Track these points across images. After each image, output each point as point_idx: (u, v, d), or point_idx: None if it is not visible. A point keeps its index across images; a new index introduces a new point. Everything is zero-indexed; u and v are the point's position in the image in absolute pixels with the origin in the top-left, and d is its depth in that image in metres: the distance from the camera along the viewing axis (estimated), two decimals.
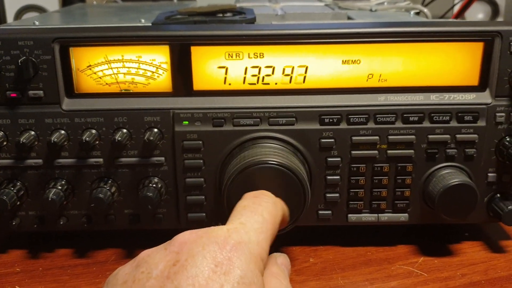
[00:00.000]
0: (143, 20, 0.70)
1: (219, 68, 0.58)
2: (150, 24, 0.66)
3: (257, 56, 0.58)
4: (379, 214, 0.62)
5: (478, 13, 1.44)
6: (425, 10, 0.81)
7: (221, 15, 0.71)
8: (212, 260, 0.36)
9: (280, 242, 0.62)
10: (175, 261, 0.36)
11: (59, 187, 0.59)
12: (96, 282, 0.58)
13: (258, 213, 0.43)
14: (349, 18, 0.74)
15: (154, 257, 0.37)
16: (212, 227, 0.41)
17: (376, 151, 0.59)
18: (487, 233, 0.67)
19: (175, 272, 0.35)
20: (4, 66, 0.56)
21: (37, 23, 0.69)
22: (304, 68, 0.58)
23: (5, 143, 0.58)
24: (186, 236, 0.38)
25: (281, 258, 0.48)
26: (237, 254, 0.37)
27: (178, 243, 0.38)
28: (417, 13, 0.83)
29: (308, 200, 0.54)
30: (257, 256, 0.38)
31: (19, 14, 1.41)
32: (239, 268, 0.36)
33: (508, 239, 0.66)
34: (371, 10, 0.80)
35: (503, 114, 0.58)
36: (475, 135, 0.59)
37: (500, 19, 1.46)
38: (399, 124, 0.58)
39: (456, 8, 1.37)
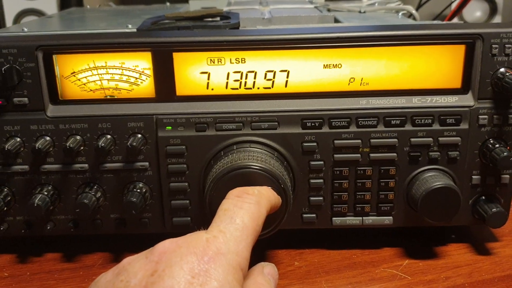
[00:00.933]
0: (130, 26, 0.70)
1: (201, 73, 0.58)
2: (135, 30, 0.66)
3: (239, 61, 0.58)
4: (364, 217, 0.62)
5: (476, 11, 1.44)
6: (414, 11, 0.81)
7: (209, 19, 0.71)
8: (189, 271, 0.36)
9: (266, 245, 0.63)
10: (153, 271, 0.36)
11: (45, 193, 0.60)
12: (82, 287, 0.59)
13: (239, 218, 0.43)
14: (336, 20, 0.74)
15: (134, 266, 0.38)
16: (192, 236, 0.41)
17: (359, 155, 0.59)
18: (474, 235, 0.67)
19: (152, 282, 0.35)
20: None
21: (25, 29, 0.70)
22: (286, 73, 0.58)
23: None
24: (166, 245, 0.39)
25: (268, 268, 0.47)
26: (215, 266, 0.37)
27: (158, 252, 0.38)
28: (409, 16, 0.83)
29: (290, 204, 0.55)
30: (236, 267, 0.39)
31: (18, 18, 1.42)
32: (216, 280, 0.36)
33: (494, 241, 0.66)
34: (360, 12, 0.80)
35: (485, 116, 0.58)
36: (458, 138, 0.59)
37: (498, 17, 1.45)
38: (381, 128, 0.58)
39: (454, 5, 1.36)
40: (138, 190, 0.59)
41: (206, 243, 0.39)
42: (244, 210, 0.44)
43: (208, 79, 0.59)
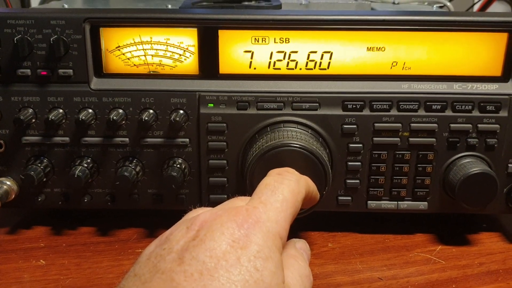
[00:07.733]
0: (169, 6, 0.71)
1: (245, 52, 0.59)
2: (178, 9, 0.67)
3: (283, 41, 0.58)
4: (399, 202, 0.62)
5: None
6: (448, 3, 0.81)
7: (247, 2, 0.72)
8: (230, 236, 0.37)
9: (298, 227, 0.63)
10: (194, 237, 0.37)
11: (85, 165, 0.60)
12: (118, 259, 0.59)
13: (279, 192, 0.43)
14: (372, 9, 0.75)
15: (176, 235, 0.39)
16: (232, 205, 0.42)
17: (398, 139, 0.60)
18: (504, 224, 0.68)
19: (193, 245, 0.36)
20: (36, 45, 0.57)
21: (66, 6, 0.71)
22: (329, 54, 0.59)
23: (33, 120, 0.60)
24: (206, 216, 0.40)
25: (300, 243, 0.48)
26: (254, 232, 0.38)
27: (199, 222, 0.39)
28: (441, 7, 0.83)
29: (329, 183, 0.55)
30: (275, 234, 0.39)
31: (43, 2, 1.43)
32: (256, 243, 0.37)
33: None
34: (393, 3, 0.81)
35: None
36: (497, 125, 0.59)
37: None
38: (421, 112, 0.59)
39: (476, 8, 1.37)
40: (178, 166, 0.60)
41: (246, 212, 0.39)
42: (285, 185, 0.44)
43: (251, 58, 0.59)
